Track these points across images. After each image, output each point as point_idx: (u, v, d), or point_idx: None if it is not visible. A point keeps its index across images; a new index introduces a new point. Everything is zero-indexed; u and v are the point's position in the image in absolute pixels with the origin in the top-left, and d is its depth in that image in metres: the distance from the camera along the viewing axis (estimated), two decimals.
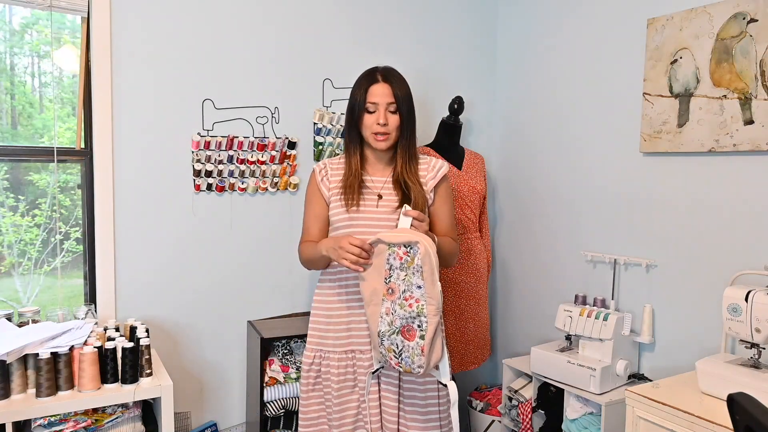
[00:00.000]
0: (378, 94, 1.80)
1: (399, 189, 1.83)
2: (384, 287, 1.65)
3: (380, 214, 1.81)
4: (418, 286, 1.59)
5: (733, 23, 1.98)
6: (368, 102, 1.80)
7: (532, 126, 2.85)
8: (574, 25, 2.61)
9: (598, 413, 2.16)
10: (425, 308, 1.59)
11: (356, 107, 1.83)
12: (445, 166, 1.91)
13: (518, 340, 2.96)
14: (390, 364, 1.69)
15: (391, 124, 1.80)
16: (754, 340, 1.72)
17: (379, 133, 1.80)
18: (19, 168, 2.25)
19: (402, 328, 1.62)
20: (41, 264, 2.29)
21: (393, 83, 1.81)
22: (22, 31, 2.25)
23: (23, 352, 1.81)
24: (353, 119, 1.84)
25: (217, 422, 2.54)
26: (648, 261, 2.28)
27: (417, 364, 1.61)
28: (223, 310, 2.51)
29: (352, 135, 1.87)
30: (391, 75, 1.83)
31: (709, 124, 2.06)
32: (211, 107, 2.42)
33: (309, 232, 1.90)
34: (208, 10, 2.39)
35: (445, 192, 1.92)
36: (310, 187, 1.93)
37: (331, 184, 1.88)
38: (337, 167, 1.91)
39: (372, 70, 1.85)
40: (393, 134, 1.82)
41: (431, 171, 1.89)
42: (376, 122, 1.79)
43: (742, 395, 0.95)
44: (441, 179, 1.89)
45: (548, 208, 2.76)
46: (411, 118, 1.84)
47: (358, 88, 1.84)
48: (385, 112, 1.79)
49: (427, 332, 1.59)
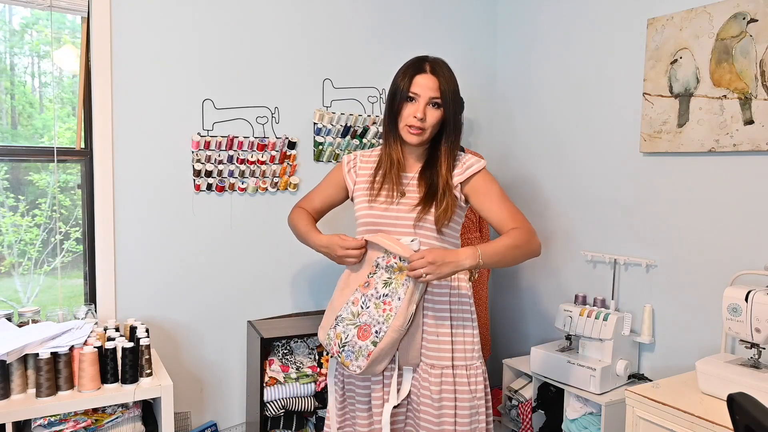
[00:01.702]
0: (422, 85, 1.64)
1: (423, 186, 1.70)
2: (363, 279, 1.66)
3: (399, 212, 1.70)
4: (398, 297, 1.60)
5: (733, 23, 1.98)
6: (411, 91, 1.64)
7: (532, 126, 2.85)
8: (574, 26, 2.61)
9: (598, 413, 2.16)
10: (391, 320, 1.59)
11: (397, 95, 1.66)
12: (478, 164, 1.71)
13: (518, 340, 2.96)
14: (331, 349, 1.68)
15: (429, 120, 1.65)
16: (754, 340, 1.72)
17: (413, 126, 1.64)
18: (19, 168, 2.25)
19: (363, 325, 1.62)
20: (41, 264, 2.29)
21: (441, 76, 1.64)
22: (22, 31, 2.25)
23: (23, 352, 1.81)
24: (393, 108, 1.68)
25: (217, 422, 2.54)
26: (648, 261, 2.28)
27: (357, 364, 1.60)
28: (223, 310, 2.51)
29: (391, 125, 1.71)
30: (440, 67, 1.67)
31: (709, 124, 2.06)
32: (211, 107, 2.42)
33: (309, 200, 1.89)
34: (208, 10, 2.39)
35: (483, 185, 1.70)
36: (334, 170, 1.86)
37: (358, 177, 1.79)
38: (367, 160, 1.81)
39: (421, 58, 1.69)
40: (428, 131, 1.66)
41: (460, 167, 1.71)
42: (413, 114, 1.64)
43: (742, 395, 0.95)
44: (469, 177, 1.70)
45: (548, 208, 2.76)
46: (456, 117, 1.68)
47: (402, 75, 1.67)
48: (425, 105, 1.63)
49: (381, 342, 1.58)
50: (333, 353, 1.68)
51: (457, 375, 1.69)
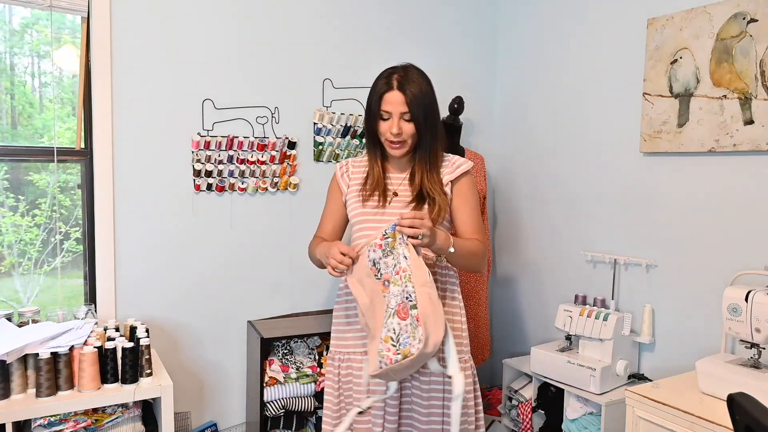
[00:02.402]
0: (391, 102, 1.71)
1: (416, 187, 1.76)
2: (380, 285, 1.56)
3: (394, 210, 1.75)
4: (404, 256, 1.51)
5: (733, 23, 1.98)
6: (382, 110, 1.72)
7: (532, 126, 2.85)
8: (574, 26, 2.61)
9: (598, 413, 2.16)
10: (411, 277, 1.48)
11: (371, 114, 1.76)
12: (466, 164, 1.80)
13: (518, 340, 2.96)
14: (386, 361, 1.47)
15: (406, 132, 1.72)
16: (754, 340, 1.72)
17: (393, 141, 1.73)
18: (19, 168, 2.25)
19: (397, 307, 1.49)
20: (41, 264, 2.29)
21: (407, 90, 1.70)
22: (22, 31, 2.25)
23: (23, 352, 1.81)
24: (370, 126, 1.78)
25: (217, 422, 2.54)
26: (648, 261, 2.28)
27: (417, 339, 1.43)
28: (223, 310, 2.51)
29: (370, 140, 1.81)
30: (407, 80, 1.72)
31: (709, 124, 2.06)
32: (211, 107, 2.42)
33: (322, 227, 1.88)
34: (208, 11, 2.39)
35: (465, 190, 1.80)
36: (331, 185, 1.90)
37: (351, 181, 1.85)
38: (358, 167, 1.87)
39: (389, 72, 1.75)
40: (409, 141, 1.74)
41: (450, 167, 1.80)
42: (389, 130, 1.72)
43: (742, 395, 0.95)
44: (459, 175, 1.78)
45: (548, 208, 2.76)
46: (429, 124, 1.74)
47: (373, 93, 1.76)
48: (399, 120, 1.71)
49: (419, 302, 1.46)
50: (389, 363, 1.47)
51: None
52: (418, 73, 1.76)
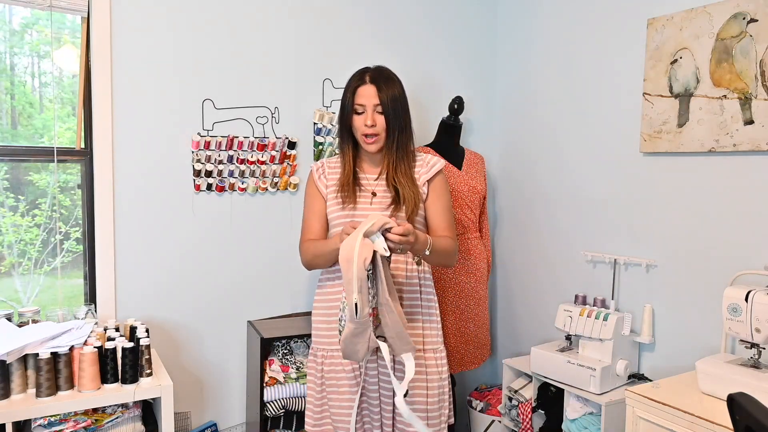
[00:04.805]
0: (365, 95, 1.81)
1: (392, 186, 1.85)
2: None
3: (375, 211, 1.82)
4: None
5: (733, 23, 1.98)
6: (356, 104, 1.82)
7: (532, 126, 2.85)
8: (574, 26, 2.61)
9: (598, 413, 2.16)
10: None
11: (346, 110, 1.85)
12: (440, 163, 1.92)
13: (518, 340, 2.96)
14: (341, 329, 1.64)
15: (379, 125, 1.82)
16: (754, 340, 1.72)
17: (368, 135, 1.82)
18: (19, 168, 2.25)
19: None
20: (41, 264, 2.29)
21: (379, 84, 1.81)
22: (22, 31, 2.25)
23: (23, 352, 1.81)
24: (344, 120, 1.87)
25: (217, 422, 2.54)
26: (648, 261, 2.28)
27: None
28: (223, 310, 2.51)
29: (344, 136, 1.89)
30: (379, 76, 1.83)
31: (709, 124, 2.06)
32: (211, 107, 2.42)
33: (310, 229, 1.91)
34: (208, 11, 2.39)
35: (440, 188, 1.91)
36: (308, 187, 1.96)
37: (328, 181, 1.91)
38: (333, 166, 1.94)
39: (362, 71, 1.86)
40: (382, 135, 1.83)
41: (425, 167, 1.91)
42: (364, 123, 1.81)
43: (742, 395, 0.95)
44: (434, 174, 1.90)
45: (548, 207, 2.76)
46: (398, 119, 1.83)
47: (347, 89, 1.86)
48: (373, 113, 1.80)
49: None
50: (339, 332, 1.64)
51: (426, 358, 1.86)
52: (389, 71, 1.87)
